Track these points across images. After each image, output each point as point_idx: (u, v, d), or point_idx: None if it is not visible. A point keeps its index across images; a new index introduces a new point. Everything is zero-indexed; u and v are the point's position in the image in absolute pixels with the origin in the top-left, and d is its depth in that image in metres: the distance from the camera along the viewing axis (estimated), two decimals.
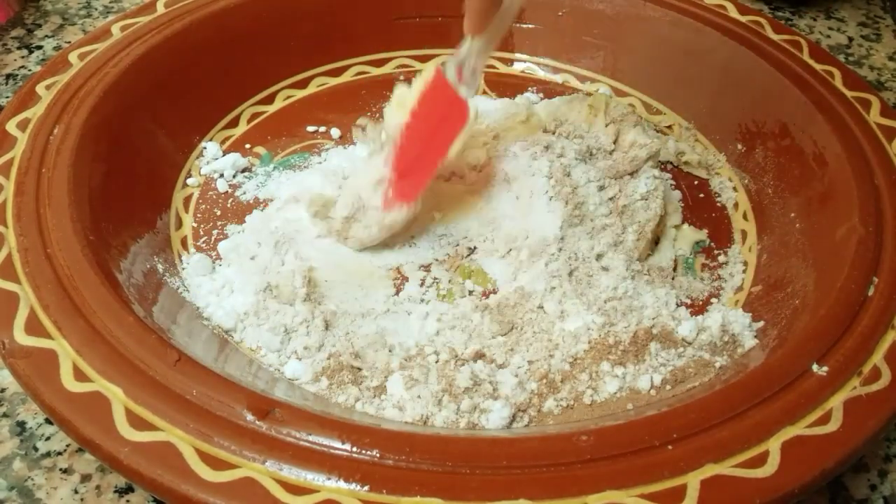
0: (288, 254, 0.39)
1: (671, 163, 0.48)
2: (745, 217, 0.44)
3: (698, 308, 0.39)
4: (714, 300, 0.40)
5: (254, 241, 0.40)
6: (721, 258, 0.42)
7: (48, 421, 0.33)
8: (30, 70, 0.52)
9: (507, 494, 0.26)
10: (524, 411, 0.33)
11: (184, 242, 0.41)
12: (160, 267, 0.38)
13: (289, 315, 0.36)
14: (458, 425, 0.32)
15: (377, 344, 0.35)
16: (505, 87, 0.52)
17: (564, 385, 0.34)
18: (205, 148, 0.45)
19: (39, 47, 0.54)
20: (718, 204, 0.46)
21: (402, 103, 0.40)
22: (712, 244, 0.43)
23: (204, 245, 0.41)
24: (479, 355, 0.35)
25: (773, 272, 0.39)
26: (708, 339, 0.36)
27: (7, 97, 0.49)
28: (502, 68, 0.54)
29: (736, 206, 0.45)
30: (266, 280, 0.37)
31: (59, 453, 0.32)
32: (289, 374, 0.34)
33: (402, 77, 0.52)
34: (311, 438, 0.27)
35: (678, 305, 0.38)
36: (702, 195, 0.46)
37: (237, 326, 0.36)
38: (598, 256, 0.39)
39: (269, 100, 0.49)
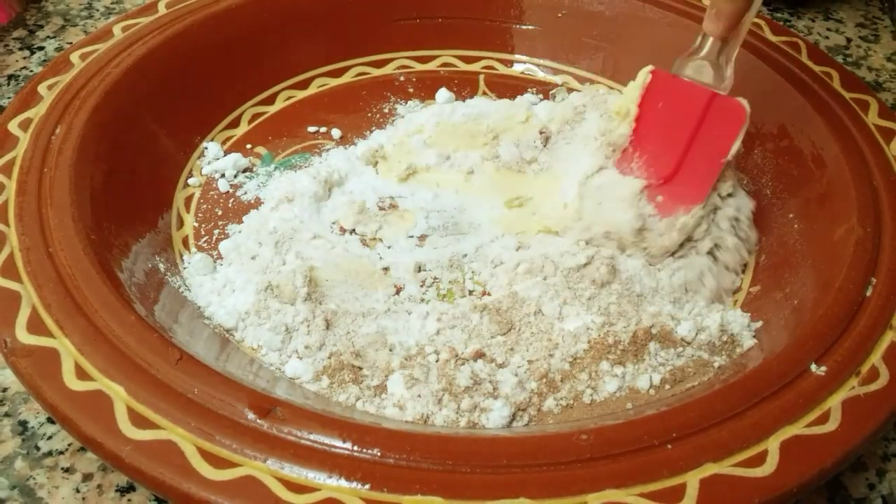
0: (289, 253, 0.39)
1: None
2: None
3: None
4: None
5: (254, 241, 0.40)
6: None
7: (50, 420, 0.33)
8: (31, 70, 0.52)
9: (507, 493, 0.26)
10: (524, 410, 0.33)
11: (185, 242, 0.41)
12: (161, 266, 0.38)
13: (289, 314, 0.36)
14: (459, 424, 0.32)
15: (378, 343, 0.35)
16: (504, 87, 0.52)
17: (564, 384, 0.34)
18: (206, 148, 0.46)
19: (41, 48, 0.54)
20: None
21: (620, 112, 0.41)
22: None
23: (205, 245, 0.41)
24: (479, 355, 0.35)
25: (772, 272, 0.40)
26: (707, 338, 0.36)
27: (9, 97, 0.49)
28: (502, 69, 0.54)
29: None
30: (267, 279, 0.37)
31: (61, 452, 0.32)
32: (290, 374, 0.34)
33: (402, 77, 0.52)
34: (312, 437, 0.27)
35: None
36: None
37: (238, 325, 0.36)
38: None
39: (270, 100, 0.49)
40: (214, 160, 0.45)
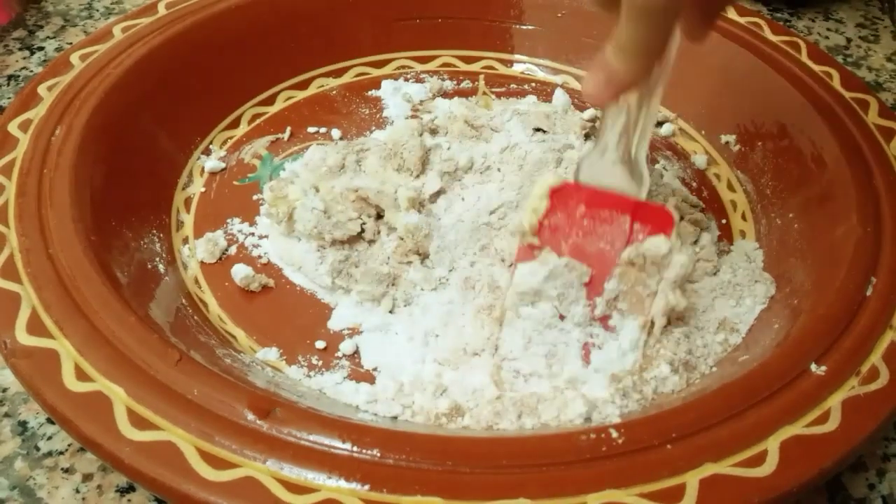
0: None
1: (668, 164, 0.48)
2: (743, 217, 0.44)
3: None
4: None
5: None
6: None
7: (50, 420, 0.33)
8: (31, 71, 0.52)
9: (507, 494, 0.26)
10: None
11: (185, 243, 0.41)
12: (161, 267, 0.38)
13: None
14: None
15: None
16: (504, 88, 0.52)
17: None
18: (206, 149, 0.46)
19: (41, 48, 0.54)
20: (716, 204, 0.46)
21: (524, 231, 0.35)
22: None
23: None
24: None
25: (772, 272, 0.40)
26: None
27: (9, 98, 0.49)
28: (502, 69, 0.54)
29: (734, 206, 0.45)
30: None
31: (61, 453, 0.32)
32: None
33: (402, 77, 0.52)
34: (311, 438, 0.27)
35: None
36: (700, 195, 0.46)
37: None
38: None
39: (270, 101, 0.49)
40: (214, 161, 0.45)
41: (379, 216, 0.41)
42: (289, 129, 0.48)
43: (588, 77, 0.31)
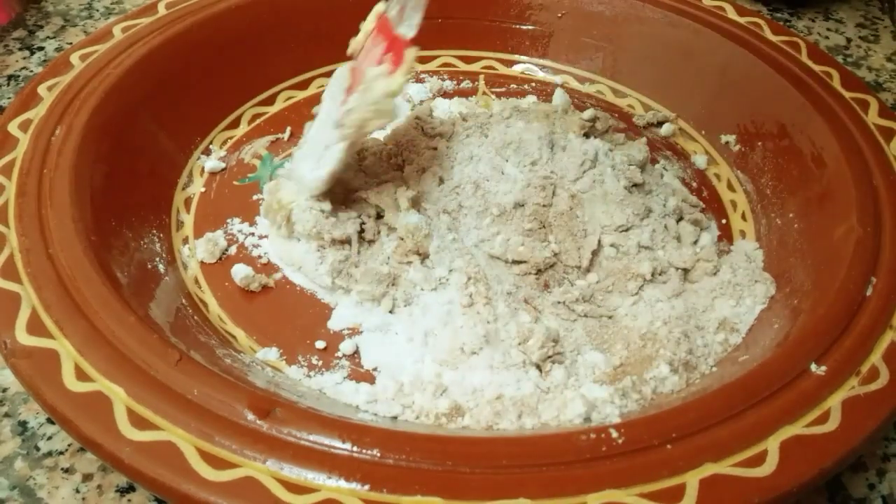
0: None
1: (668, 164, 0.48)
2: (743, 217, 0.44)
3: None
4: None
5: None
6: None
7: (50, 420, 0.33)
8: (31, 71, 0.52)
9: (507, 493, 0.26)
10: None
11: (185, 243, 0.41)
12: (161, 267, 0.38)
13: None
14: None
15: None
16: (504, 88, 0.52)
17: None
18: (206, 149, 0.46)
19: (41, 48, 0.54)
20: (716, 204, 0.46)
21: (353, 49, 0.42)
22: None
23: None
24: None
25: (772, 272, 0.40)
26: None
27: (9, 98, 0.49)
28: (502, 69, 0.54)
29: (734, 206, 0.45)
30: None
31: (61, 453, 0.32)
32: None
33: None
34: (311, 438, 0.27)
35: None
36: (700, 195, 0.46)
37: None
38: None
39: (270, 101, 0.49)
40: (214, 161, 0.45)
41: (379, 216, 0.41)
42: (289, 129, 0.48)
43: None
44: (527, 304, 0.38)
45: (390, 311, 0.38)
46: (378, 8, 0.41)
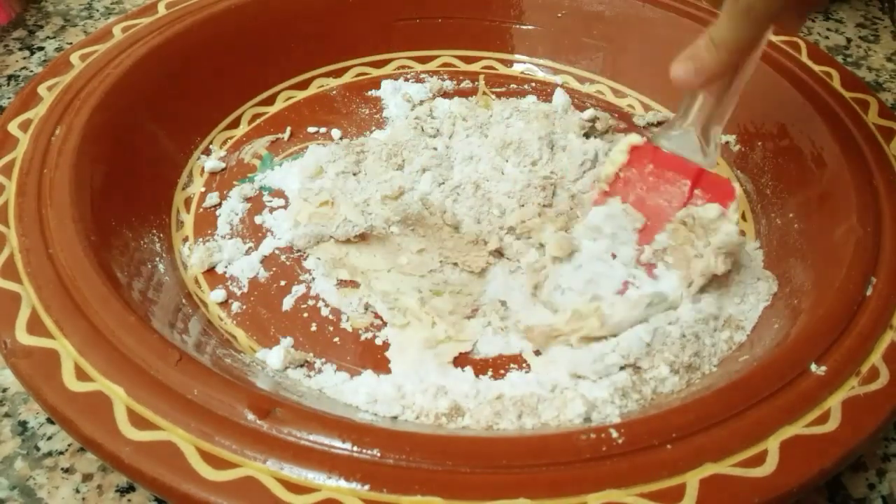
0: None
1: None
2: (743, 217, 0.44)
3: None
4: None
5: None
6: None
7: (50, 420, 0.33)
8: (31, 71, 0.52)
9: (507, 494, 0.26)
10: None
11: (185, 242, 0.41)
12: (161, 267, 0.38)
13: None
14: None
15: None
16: (504, 88, 0.52)
17: None
18: (206, 149, 0.46)
19: (41, 48, 0.54)
20: None
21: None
22: None
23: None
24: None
25: (772, 272, 0.40)
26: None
27: (9, 98, 0.49)
28: (502, 69, 0.54)
29: None
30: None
31: (61, 453, 0.32)
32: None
33: (404, 79, 0.52)
34: (311, 438, 0.27)
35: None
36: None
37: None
38: None
39: (270, 101, 0.49)
40: (214, 161, 0.45)
41: None
42: (289, 129, 0.48)
43: (679, 64, 0.33)
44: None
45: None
46: (631, 140, 0.39)
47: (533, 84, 0.53)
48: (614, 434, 0.28)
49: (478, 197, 0.42)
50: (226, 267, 0.39)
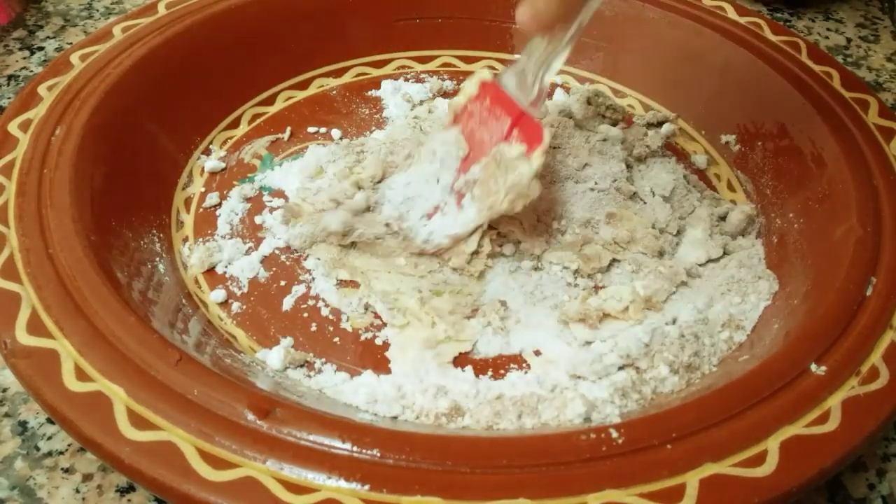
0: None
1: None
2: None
3: None
4: None
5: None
6: None
7: (50, 420, 0.33)
8: (31, 71, 0.52)
9: (507, 493, 0.26)
10: None
11: (185, 242, 0.41)
12: (161, 267, 0.38)
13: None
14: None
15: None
16: None
17: None
18: (206, 149, 0.46)
19: (41, 48, 0.54)
20: None
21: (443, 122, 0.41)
22: None
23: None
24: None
25: (772, 272, 0.40)
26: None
27: (9, 98, 0.49)
28: (502, 69, 0.54)
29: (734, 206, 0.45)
30: None
31: (61, 453, 0.32)
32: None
33: (406, 78, 0.52)
34: (311, 438, 0.27)
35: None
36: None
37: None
38: None
39: (270, 101, 0.49)
40: (214, 161, 0.45)
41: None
42: (289, 129, 0.48)
43: (520, 7, 0.34)
44: None
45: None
46: (482, 75, 0.40)
47: None
48: (614, 434, 0.28)
49: None
50: (226, 267, 0.40)
